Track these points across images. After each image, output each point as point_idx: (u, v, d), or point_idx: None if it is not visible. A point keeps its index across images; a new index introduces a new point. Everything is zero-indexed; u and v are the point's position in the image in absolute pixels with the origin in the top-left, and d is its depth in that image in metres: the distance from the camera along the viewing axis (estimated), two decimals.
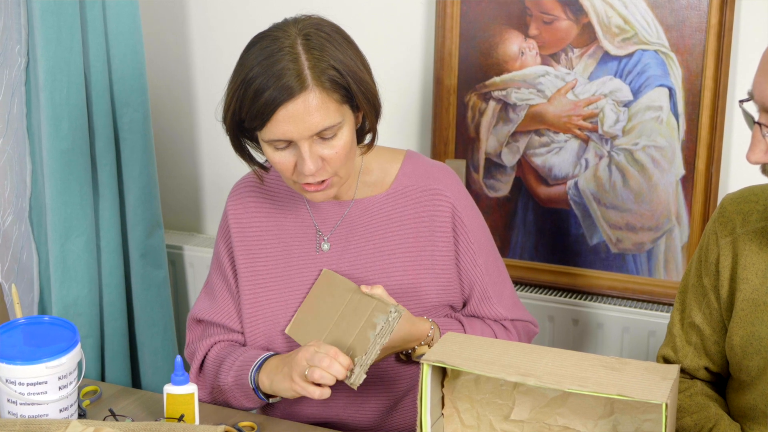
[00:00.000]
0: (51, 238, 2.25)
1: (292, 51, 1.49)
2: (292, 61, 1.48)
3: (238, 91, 1.52)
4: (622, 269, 2.25)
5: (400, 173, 1.71)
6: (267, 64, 1.49)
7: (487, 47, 2.27)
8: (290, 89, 1.47)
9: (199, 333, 1.78)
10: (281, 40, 1.51)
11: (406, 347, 1.64)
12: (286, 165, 1.55)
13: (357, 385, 1.48)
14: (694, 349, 1.61)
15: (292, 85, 1.47)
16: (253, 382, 1.62)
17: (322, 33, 1.53)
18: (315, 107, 1.48)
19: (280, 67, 1.48)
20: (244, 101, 1.51)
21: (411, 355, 1.67)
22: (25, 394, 1.50)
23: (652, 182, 2.18)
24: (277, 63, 1.48)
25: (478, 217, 1.75)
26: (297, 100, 1.48)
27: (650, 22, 2.11)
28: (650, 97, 2.14)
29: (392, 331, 1.49)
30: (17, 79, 2.22)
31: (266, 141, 1.54)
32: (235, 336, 1.75)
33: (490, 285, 1.73)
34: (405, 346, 1.64)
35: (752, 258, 1.49)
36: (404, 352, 1.67)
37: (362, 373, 1.48)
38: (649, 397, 1.24)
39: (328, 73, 1.49)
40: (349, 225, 1.70)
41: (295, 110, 1.48)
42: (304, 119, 1.48)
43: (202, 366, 1.74)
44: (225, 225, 1.76)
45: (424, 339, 1.64)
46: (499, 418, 1.46)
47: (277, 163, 1.56)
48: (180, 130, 2.72)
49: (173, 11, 2.63)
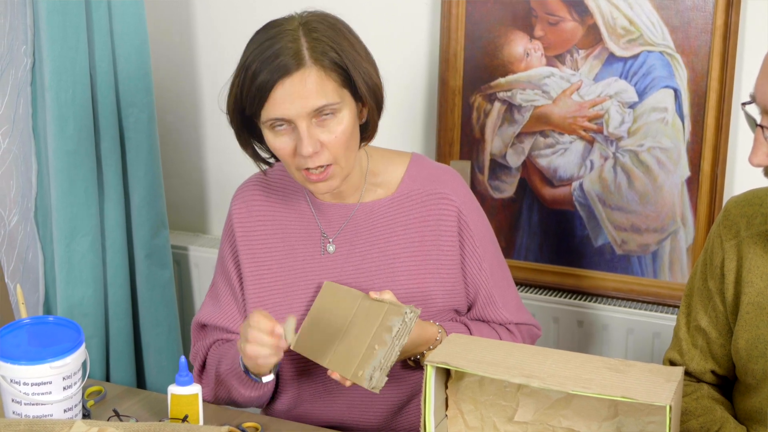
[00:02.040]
0: (56, 238, 2.25)
1: (292, 33, 1.51)
2: (291, 41, 1.49)
3: (239, 77, 1.53)
4: (627, 271, 2.25)
5: (406, 176, 1.71)
6: (266, 46, 1.50)
7: (492, 48, 2.26)
8: (286, 67, 1.48)
9: (201, 336, 1.79)
10: (283, 26, 1.52)
11: (415, 352, 1.63)
12: (286, 150, 1.55)
13: (379, 388, 1.47)
14: (701, 353, 1.60)
15: (289, 63, 1.48)
16: (242, 364, 1.62)
17: (326, 22, 1.54)
18: (312, 84, 1.49)
19: (278, 47, 1.49)
20: (244, 85, 1.52)
21: (420, 360, 1.66)
22: (30, 394, 1.51)
23: (658, 184, 2.17)
24: (276, 44, 1.49)
25: (483, 220, 1.74)
26: (294, 77, 1.48)
27: (656, 23, 2.11)
28: (655, 98, 2.14)
29: (410, 331, 1.48)
30: (23, 80, 2.22)
31: (265, 124, 1.54)
32: (236, 337, 1.74)
33: (495, 289, 1.72)
34: (414, 351, 1.63)
35: (757, 261, 1.49)
36: (413, 358, 1.67)
37: (383, 376, 1.47)
38: (653, 399, 1.23)
39: (327, 54, 1.50)
40: (354, 228, 1.70)
41: (292, 87, 1.48)
42: (302, 95, 1.48)
43: (204, 366, 1.75)
44: (229, 227, 1.75)
45: (432, 343, 1.63)
46: (503, 420, 1.46)
47: (278, 149, 1.55)
48: (185, 130, 2.73)
49: (178, 11, 2.63)
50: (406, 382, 1.71)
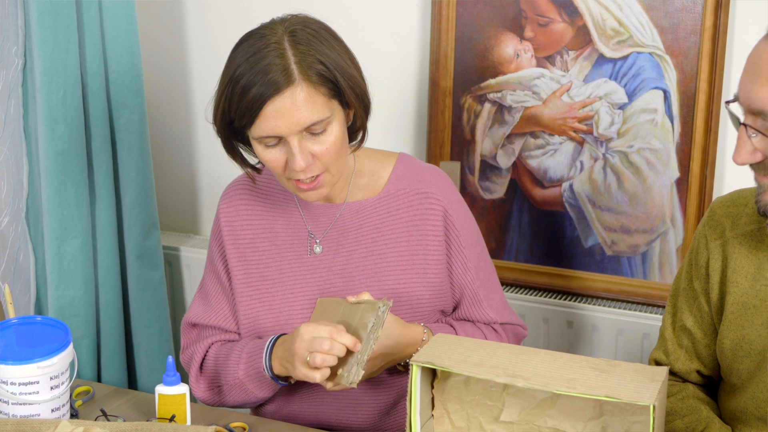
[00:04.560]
0: (47, 239, 2.26)
1: (278, 47, 1.50)
2: (279, 57, 1.49)
3: (226, 90, 1.52)
4: (617, 271, 2.25)
5: (393, 176, 1.71)
6: (253, 61, 1.49)
7: (482, 49, 2.27)
8: (277, 84, 1.47)
9: (194, 336, 1.78)
10: (268, 37, 1.51)
11: (402, 355, 1.63)
12: (277, 163, 1.55)
13: (356, 383, 1.47)
14: (686, 353, 1.61)
15: (279, 80, 1.47)
16: (269, 371, 1.60)
17: (309, 29, 1.53)
18: (302, 101, 1.48)
19: (267, 63, 1.48)
20: (233, 99, 1.51)
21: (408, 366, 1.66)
22: (17, 394, 1.51)
23: (647, 185, 2.18)
24: (264, 59, 1.48)
25: (470, 220, 1.75)
26: (284, 95, 1.48)
27: (645, 24, 2.12)
28: (645, 99, 2.14)
29: (383, 322, 1.49)
30: (14, 81, 2.23)
31: (256, 138, 1.54)
32: (231, 336, 1.74)
33: (481, 289, 1.72)
34: (402, 353, 1.62)
35: (742, 261, 1.49)
36: (402, 363, 1.66)
37: (360, 370, 1.47)
38: (637, 398, 1.24)
39: (315, 67, 1.49)
40: (341, 228, 1.70)
41: (283, 105, 1.48)
42: (292, 114, 1.48)
43: (202, 367, 1.74)
44: (217, 228, 1.76)
45: (419, 344, 1.63)
46: (489, 420, 1.46)
47: (269, 161, 1.56)
48: (176, 132, 2.73)
49: (170, 12, 2.63)
50: (394, 383, 1.71)
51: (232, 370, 1.66)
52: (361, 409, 1.72)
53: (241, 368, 1.64)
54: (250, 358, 1.63)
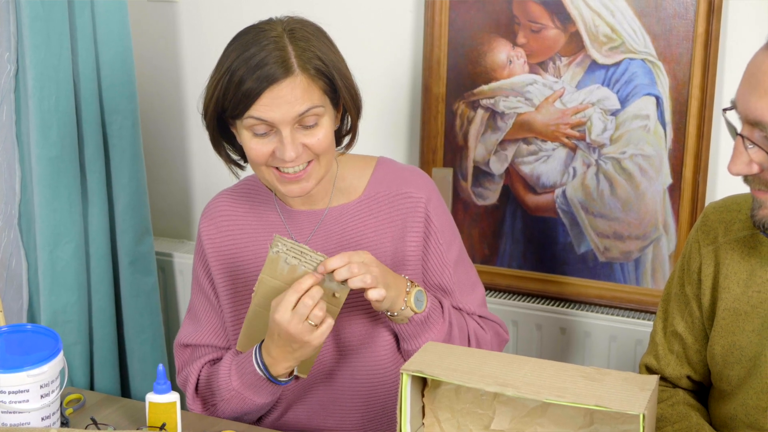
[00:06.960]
0: (40, 245, 2.25)
1: (278, 41, 1.52)
2: (279, 49, 1.51)
3: (222, 80, 1.54)
4: (610, 278, 2.25)
5: (372, 179, 1.71)
6: (254, 51, 1.51)
7: (475, 55, 2.27)
8: (276, 73, 1.50)
9: (187, 357, 1.77)
10: (267, 32, 1.54)
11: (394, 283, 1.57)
12: (262, 152, 1.55)
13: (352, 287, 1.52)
14: (677, 358, 1.61)
15: (278, 70, 1.50)
16: (265, 371, 1.59)
17: (307, 29, 1.56)
18: (300, 91, 1.51)
19: (266, 54, 1.50)
20: (228, 88, 1.52)
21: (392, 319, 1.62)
22: (7, 403, 1.50)
23: (640, 191, 2.18)
24: (263, 50, 1.51)
25: (448, 218, 1.74)
26: (282, 84, 1.50)
27: (637, 30, 2.12)
28: (637, 105, 2.14)
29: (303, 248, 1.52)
30: (6, 86, 2.22)
31: (246, 126, 1.54)
32: (224, 353, 1.73)
33: (458, 285, 1.72)
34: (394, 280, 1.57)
35: (734, 267, 1.49)
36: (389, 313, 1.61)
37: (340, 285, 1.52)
38: (627, 408, 1.23)
39: (313, 62, 1.52)
40: (324, 233, 1.70)
41: (280, 93, 1.50)
42: (289, 101, 1.50)
43: (197, 389, 1.73)
44: (200, 247, 1.76)
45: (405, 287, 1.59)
46: (479, 428, 1.46)
47: (252, 149, 1.56)
48: (169, 137, 2.73)
49: (163, 18, 2.63)
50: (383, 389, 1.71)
51: (224, 384, 1.65)
52: (350, 416, 1.72)
53: (233, 379, 1.64)
54: (240, 366, 1.63)
